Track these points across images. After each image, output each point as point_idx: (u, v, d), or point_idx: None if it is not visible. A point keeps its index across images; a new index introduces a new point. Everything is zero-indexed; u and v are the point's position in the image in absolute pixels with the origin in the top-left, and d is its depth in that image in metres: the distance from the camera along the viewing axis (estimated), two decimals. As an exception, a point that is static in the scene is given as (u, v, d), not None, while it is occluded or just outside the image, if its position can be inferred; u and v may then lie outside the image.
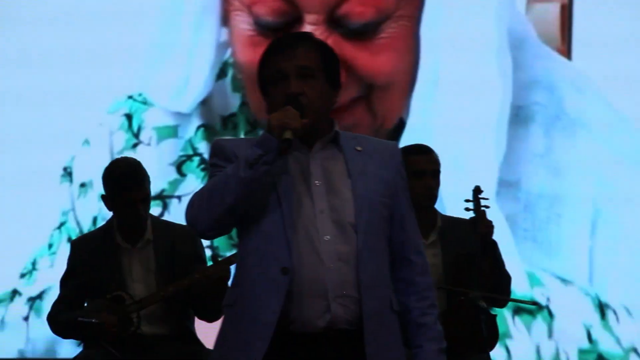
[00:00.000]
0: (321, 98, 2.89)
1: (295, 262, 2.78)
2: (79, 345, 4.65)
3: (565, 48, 6.15)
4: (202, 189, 2.85)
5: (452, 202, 4.86)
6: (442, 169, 4.63)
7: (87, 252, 4.64)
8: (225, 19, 6.33)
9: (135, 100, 6.30)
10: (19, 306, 6.23)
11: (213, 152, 2.92)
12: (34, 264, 6.21)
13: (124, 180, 4.55)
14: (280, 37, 2.97)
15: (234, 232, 5.95)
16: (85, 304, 4.62)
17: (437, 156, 4.67)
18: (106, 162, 4.95)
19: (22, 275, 6.21)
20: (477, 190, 4.66)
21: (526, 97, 6.17)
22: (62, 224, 6.26)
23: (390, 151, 2.96)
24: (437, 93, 6.20)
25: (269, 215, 2.82)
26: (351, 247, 2.81)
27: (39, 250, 6.23)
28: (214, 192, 2.80)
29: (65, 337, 4.71)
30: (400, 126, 6.19)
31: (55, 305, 4.66)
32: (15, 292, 6.23)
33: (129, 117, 6.29)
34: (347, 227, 2.83)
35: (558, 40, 6.18)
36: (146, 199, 4.59)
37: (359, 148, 2.92)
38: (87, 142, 6.26)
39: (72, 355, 4.61)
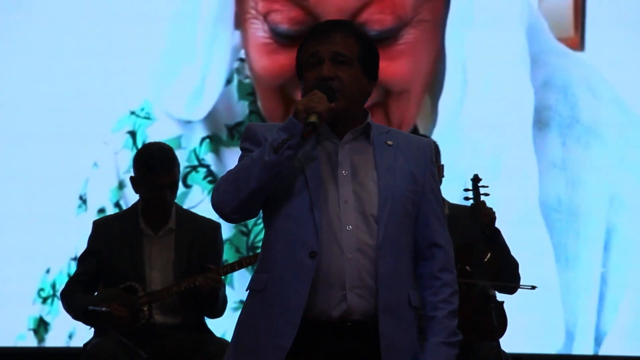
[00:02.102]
0: (354, 86, 2.89)
1: (319, 248, 2.79)
2: (90, 329, 4.70)
3: (578, 38, 6.08)
4: (228, 172, 2.88)
5: (487, 201, 4.82)
6: (472, 170, 4.60)
7: (109, 233, 4.67)
8: (238, 23, 6.27)
9: (138, 115, 6.20)
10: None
11: (245, 136, 2.94)
12: (53, 287, 6.18)
13: (153, 163, 4.59)
14: (321, 23, 2.99)
15: (239, 243, 5.95)
16: (96, 293, 4.66)
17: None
18: (113, 185, 4.88)
19: (44, 300, 6.17)
20: (476, 179, 4.73)
21: (540, 98, 6.08)
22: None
23: (423, 148, 2.97)
24: (466, 95, 6.16)
25: (296, 198, 2.84)
26: (372, 239, 2.83)
27: (57, 275, 6.20)
28: (239, 176, 2.82)
29: (75, 319, 4.71)
30: (414, 133, 6.10)
31: (70, 282, 4.69)
32: (41, 321, 6.19)
33: (132, 134, 6.21)
34: (370, 219, 2.84)
35: (571, 30, 6.13)
36: (174, 184, 4.64)
37: (390, 142, 2.93)
38: (95, 164, 6.17)
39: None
